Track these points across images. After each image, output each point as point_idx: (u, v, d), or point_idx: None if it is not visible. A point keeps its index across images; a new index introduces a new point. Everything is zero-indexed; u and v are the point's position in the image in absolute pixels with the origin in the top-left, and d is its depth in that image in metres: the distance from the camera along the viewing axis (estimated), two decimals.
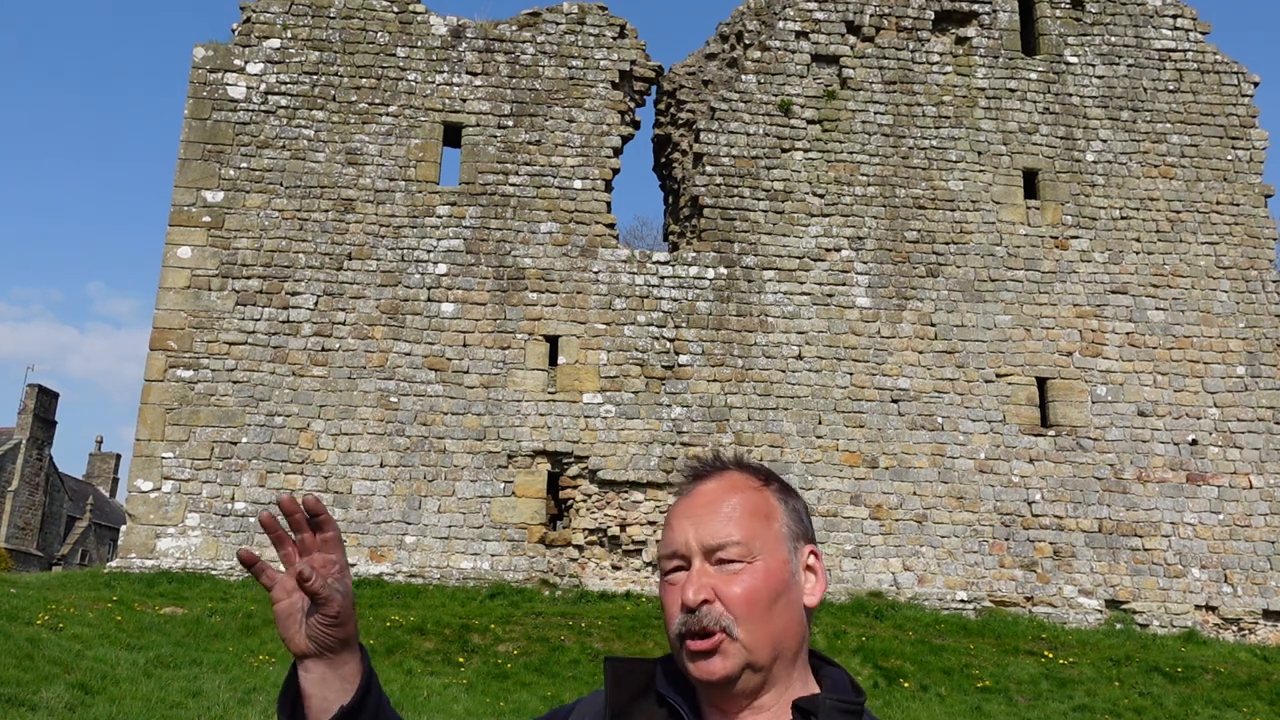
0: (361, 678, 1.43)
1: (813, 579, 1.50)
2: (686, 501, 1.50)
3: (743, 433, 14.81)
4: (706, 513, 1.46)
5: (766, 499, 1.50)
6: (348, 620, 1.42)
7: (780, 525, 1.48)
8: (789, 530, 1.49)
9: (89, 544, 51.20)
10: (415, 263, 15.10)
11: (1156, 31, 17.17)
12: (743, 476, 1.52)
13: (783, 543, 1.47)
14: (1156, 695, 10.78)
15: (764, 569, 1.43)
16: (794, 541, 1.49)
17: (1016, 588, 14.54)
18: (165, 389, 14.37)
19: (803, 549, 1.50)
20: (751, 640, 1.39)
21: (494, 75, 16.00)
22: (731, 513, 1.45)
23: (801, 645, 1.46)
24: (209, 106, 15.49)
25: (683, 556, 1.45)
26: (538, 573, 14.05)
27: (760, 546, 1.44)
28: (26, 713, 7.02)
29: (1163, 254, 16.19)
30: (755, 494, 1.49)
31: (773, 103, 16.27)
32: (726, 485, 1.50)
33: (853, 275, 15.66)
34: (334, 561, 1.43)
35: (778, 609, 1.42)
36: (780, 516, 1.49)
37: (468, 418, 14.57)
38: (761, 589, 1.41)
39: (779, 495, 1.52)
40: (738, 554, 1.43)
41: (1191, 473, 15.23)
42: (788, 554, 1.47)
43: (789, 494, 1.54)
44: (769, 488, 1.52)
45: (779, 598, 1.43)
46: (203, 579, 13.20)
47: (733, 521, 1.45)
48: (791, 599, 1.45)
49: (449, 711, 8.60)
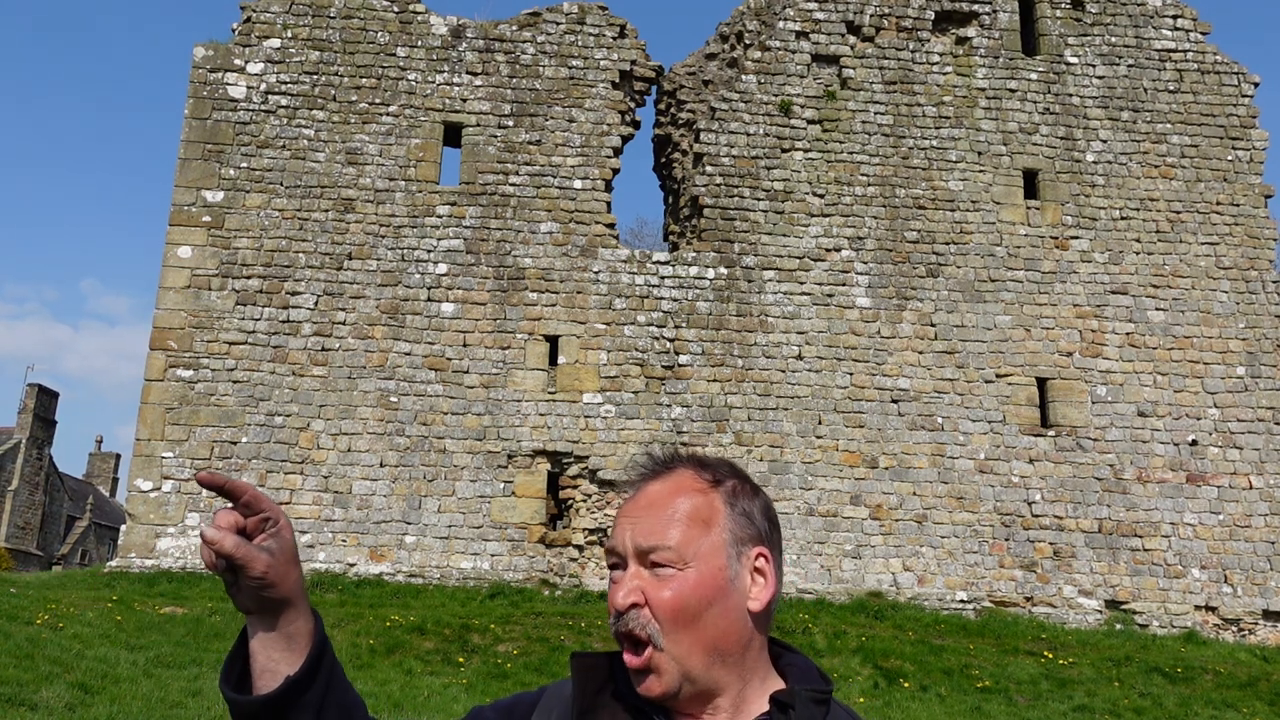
0: (313, 644, 1.40)
1: (761, 582, 1.45)
2: (631, 501, 1.49)
3: (743, 433, 14.81)
4: (646, 514, 1.44)
5: (710, 502, 1.45)
6: (280, 580, 1.36)
7: (721, 531, 1.44)
8: (731, 535, 1.44)
9: (89, 544, 51.19)
10: (415, 263, 15.10)
11: (1157, 32, 17.17)
12: (692, 477, 1.48)
13: (721, 549, 1.43)
14: (1156, 695, 10.78)
15: (695, 577, 1.39)
16: (737, 546, 1.44)
17: (1016, 588, 14.54)
18: (165, 389, 14.37)
19: (749, 553, 1.45)
20: (679, 651, 1.38)
21: (494, 75, 16.00)
22: (670, 516, 1.43)
23: (745, 646, 1.43)
24: (209, 106, 15.49)
25: (620, 555, 1.44)
26: (538, 573, 14.05)
27: (694, 553, 1.40)
28: (26, 712, 7.02)
29: (1163, 254, 16.19)
30: (698, 497, 1.45)
31: (773, 103, 16.27)
32: (671, 487, 1.47)
33: (853, 275, 15.66)
34: (265, 519, 1.37)
35: (710, 617, 1.39)
36: (722, 521, 1.44)
37: (468, 418, 14.57)
38: (690, 597, 1.38)
39: (727, 498, 1.47)
40: (668, 559, 1.40)
41: (1191, 473, 15.23)
42: (726, 560, 1.42)
43: (741, 495, 1.49)
44: (718, 489, 1.47)
45: (711, 606, 1.39)
46: (203, 579, 13.20)
47: (669, 526, 1.42)
48: (729, 605, 1.41)
49: (449, 711, 8.60)
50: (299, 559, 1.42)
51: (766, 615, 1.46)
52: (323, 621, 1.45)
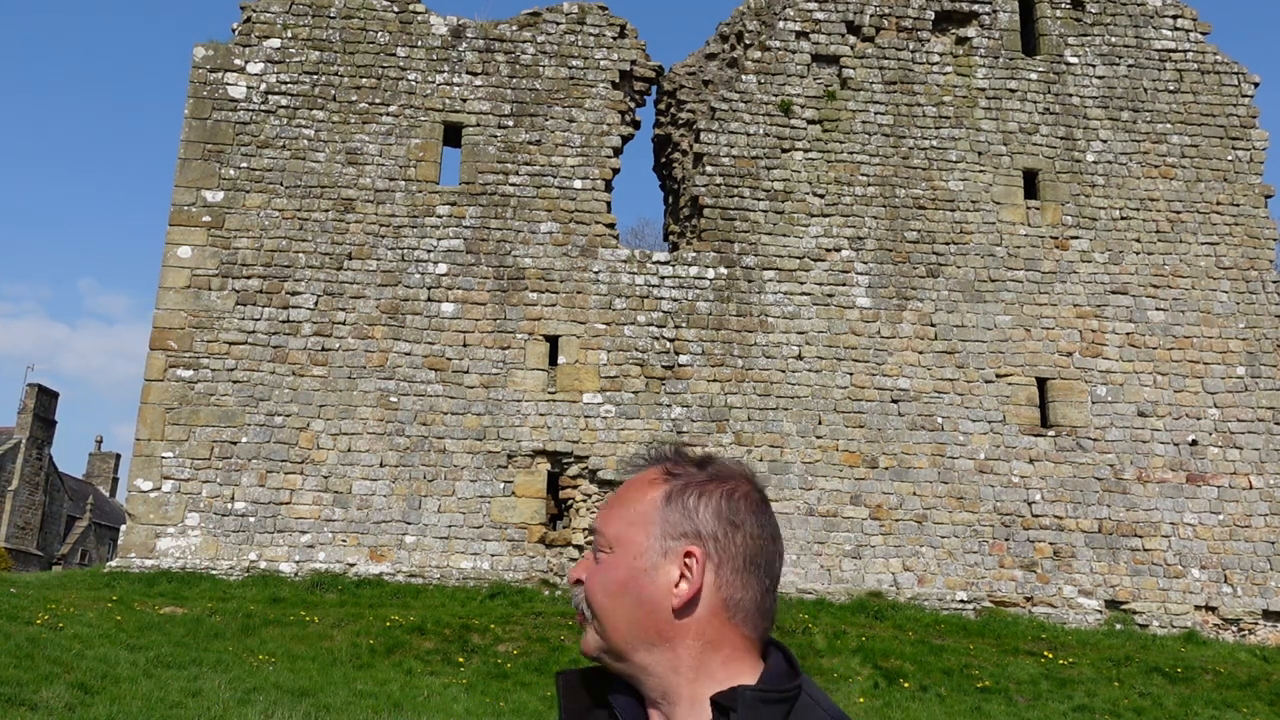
0: None
1: (688, 578, 1.45)
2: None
3: (743, 433, 14.81)
4: (608, 504, 1.56)
5: (650, 497, 1.50)
6: None
7: (649, 524, 1.48)
8: (660, 529, 1.47)
9: (89, 544, 51.19)
10: (415, 263, 15.10)
11: (1157, 32, 17.17)
12: (656, 472, 1.54)
13: (646, 539, 1.47)
14: (1156, 696, 10.78)
15: (612, 563, 1.49)
16: (665, 540, 1.46)
17: (1016, 588, 14.54)
18: (165, 389, 14.37)
19: (676, 548, 1.46)
20: (601, 626, 1.49)
21: (494, 75, 16.00)
22: (615, 504, 1.54)
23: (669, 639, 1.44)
24: (209, 106, 15.49)
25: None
26: (538, 573, 14.05)
27: (618, 540, 1.49)
28: (26, 712, 7.01)
29: (1163, 254, 16.19)
30: (645, 488, 1.52)
31: (773, 103, 16.27)
32: (636, 479, 1.55)
33: (853, 275, 15.66)
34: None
35: (623, 605, 1.46)
36: (652, 515, 1.48)
37: (468, 418, 14.57)
38: (607, 582, 1.48)
39: (671, 492, 1.50)
40: (601, 544, 1.52)
41: (1191, 473, 15.23)
42: (646, 549, 1.47)
43: (689, 495, 1.49)
44: (665, 485, 1.51)
45: (623, 593, 1.46)
46: (202, 579, 13.20)
47: (609, 513, 1.53)
48: (643, 596, 1.45)
49: (449, 711, 8.60)
50: None
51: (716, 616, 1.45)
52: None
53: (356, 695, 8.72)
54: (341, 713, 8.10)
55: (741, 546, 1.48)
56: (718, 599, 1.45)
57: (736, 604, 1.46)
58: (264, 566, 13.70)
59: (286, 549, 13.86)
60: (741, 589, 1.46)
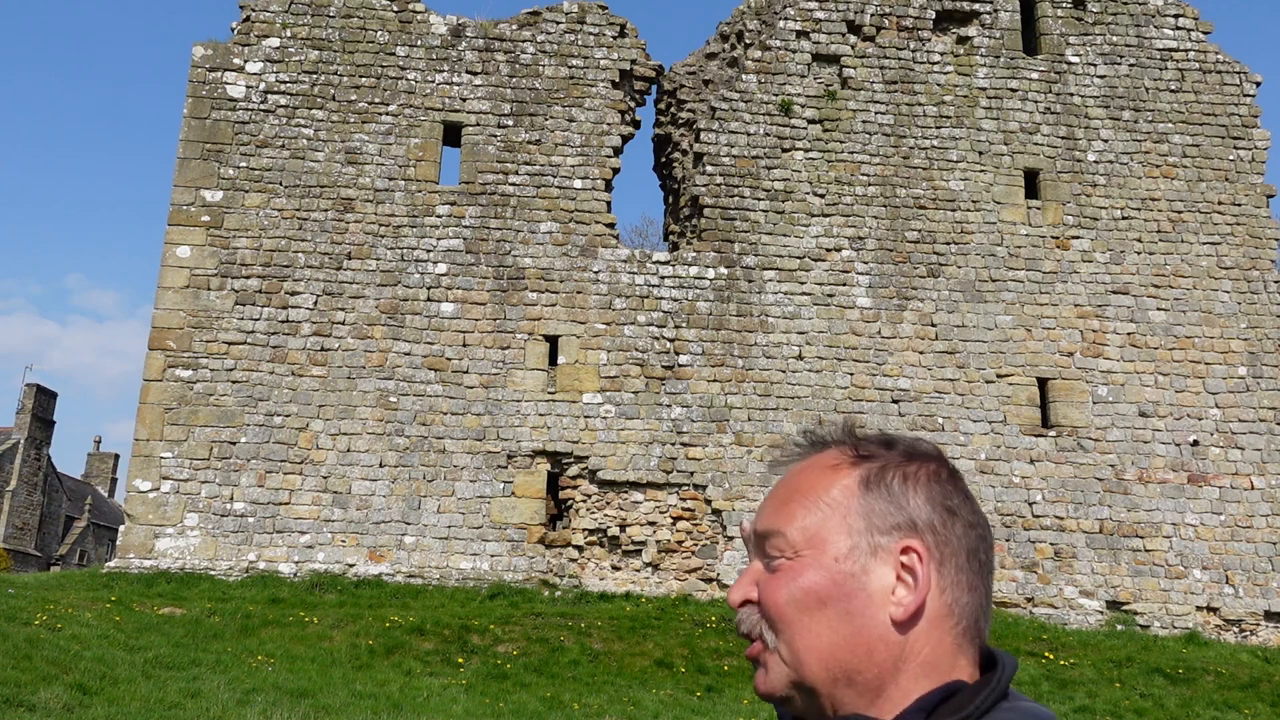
0: None
1: (910, 582, 1.18)
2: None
3: (743, 433, 14.78)
4: (771, 498, 1.27)
5: (838, 481, 1.23)
6: None
7: (847, 515, 1.21)
8: (863, 523, 1.20)
9: (87, 544, 51.16)
10: (415, 262, 15.07)
11: (1158, 31, 17.15)
12: (834, 454, 1.27)
13: (843, 537, 1.20)
14: (1157, 696, 10.76)
15: (804, 568, 1.19)
16: (869, 537, 1.20)
17: (1017, 589, 14.51)
18: (164, 389, 14.34)
19: (890, 545, 1.19)
20: (790, 655, 1.18)
21: (494, 74, 15.97)
22: (787, 498, 1.24)
23: (888, 665, 1.16)
24: (208, 105, 15.46)
25: (748, 547, 1.29)
26: (537, 573, 14.02)
27: (806, 540, 1.20)
28: (25, 713, 6.99)
29: (1164, 254, 16.17)
30: (826, 476, 1.24)
31: (773, 102, 16.25)
32: (804, 466, 1.27)
33: (853, 275, 15.63)
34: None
35: (825, 620, 1.17)
36: (850, 504, 1.21)
37: (467, 418, 14.54)
38: (797, 592, 1.18)
39: (863, 479, 1.23)
40: (778, 547, 1.22)
41: (1193, 474, 15.20)
42: (847, 550, 1.19)
43: (892, 477, 1.24)
44: (857, 468, 1.24)
45: (824, 606, 1.17)
46: (201, 579, 13.17)
47: (785, 508, 1.23)
48: (851, 608, 1.17)
49: (448, 712, 8.57)
50: None
51: (938, 629, 1.18)
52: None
53: (355, 696, 8.69)
54: (340, 713, 8.07)
55: (962, 537, 1.22)
56: (941, 604, 1.19)
57: (962, 610, 1.20)
58: (263, 567, 13.67)
59: (285, 549, 13.83)
60: (966, 590, 1.21)
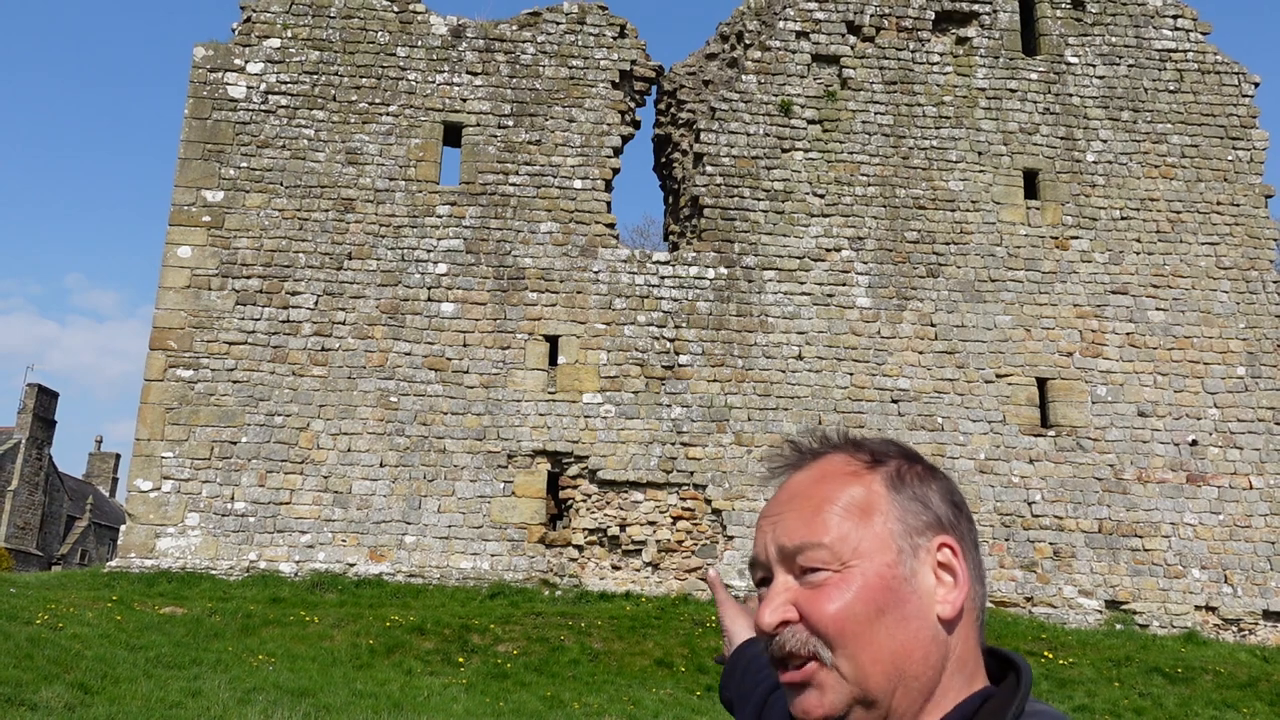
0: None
1: (949, 581, 1.19)
2: (772, 498, 1.27)
3: (743, 433, 14.80)
4: (788, 510, 1.22)
5: (868, 486, 1.22)
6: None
7: (886, 519, 1.20)
8: (903, 524, 1.20)
9: (88, 544, 51.19)
10: (415, 262, 15.09)
11: (1157, 32, 17.17)
12: (843, 460, 1.25)
13: (889, 542, 1.18)
14: (1156, 696, 10.78)
15: (859, 578, 1.16)
16: (909, 539, 1.20)
17: (1016, 588, 14.54)
18: (165, 388, 14.37)
19: (927, 545, 1.20)
20: (853, 669, 1.14)
21: (494, 75, 15.99)
22: (817, 508, 1.20)
23: (938, 665, 1.17)
24: (209, 106, 15.48)
25: (764, 566, 1.23)
26: (537, 573, 14.05)
27: (853, 549, 1.17)
28: (26, 712, 7.01)
29: (1163, 254, 16.19)
30: (852, 481, 1.22)
31: (773, 103, 16.27)
32: (817, 474, 1.24)
33: (853, 275, 15.65)
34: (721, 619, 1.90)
35: (885, 627, 1.15)
36: (886, 507, 1.20)
37: (468, 418, 14.57)
38: (855, 603, 1.15)
39: (889, 481, 1.23)
40: (822, 560, 1.17)
41: (1191, 473, 15.22)
42: (895, 556, 1.18)
43: (914, 475, 1.25)
44: (876, 471, 1.24)
45: (884, 613, 1.15)
46: (202, 579, 13.20)
47: (816, 519, 1.19)
48: (907, 612, 1.16)
49: (449, 711, 8.59)
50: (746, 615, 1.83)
51: (967, 624, 1.20)
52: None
53: (356, 695, 8.72)
54: (341, 713, 8.10)
55: (968, 530, 1.25)
56: (969, 599, 1.20)
57: (980, 602, 1.22)
58: (264, 566, 13.70)
59: (286, 549, 13.86)
60: (979, 582, 1.23)
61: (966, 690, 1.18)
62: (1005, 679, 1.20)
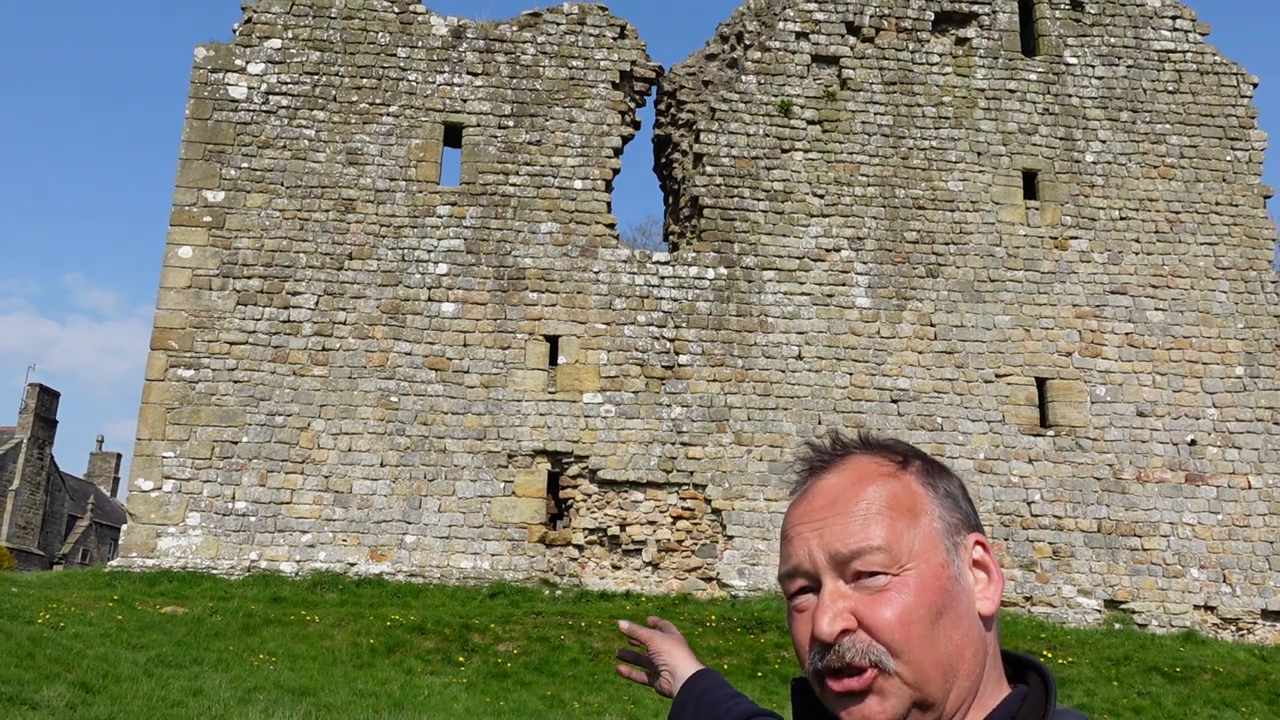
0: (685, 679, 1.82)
1: (984, 578, 1.20)
2: (804, 503, 1.22)
3: (743, 433, 14.83)
4: (832, 514, 1.18)
5: (908, 486, 1.20)
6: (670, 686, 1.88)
7: (931, 518, 1.19)
8: (944, 523, 1.19)
9: (90, 543, 51.23)
10: (415, 263, 15.12)
11: (1156, 32, 17.19)
12: (872, 460, 1.23)
13: (938, 541, 1.18)
14: (1155, 695, 10.81)
15: (917, 580, 1.14)
16: (952, 536, 1.19)
17: (1016, 588, 14.56)
18: (166, 388, 14.40)
19: (965, 542, 1.20)
20: (915, 674, 1.11)
21: (494, 75, 16.02)
22: (866, 510, 1.17)
23: (982, 666, 1.16)
24: (210, 106, 15.51)
25: (807, 574, 1.18)
26: (538, 572, 14.08)
27: (908, 551, 1.15)
28: (28, 711, 7.04)
29: (1162, 254, 16.21)
30: (892, 481, 1.20)
31: (773, 103, 16.29)
32: (852, 475, 1.21)
33: (852, 275, 15.68)
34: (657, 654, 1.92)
35: (942, 629, 1.13)
36: (929, 506, 1.19)
37: (468, 417, 14.60)
38: (917, 607, 1.12)
39: (923, 478, 1.22)
40: (880, 564, 1.14)
41: (1190, 473, 15.25)
42: (945, 555, 1.17)
43: (937, 474, 1.24)
44: (909, 470, 1.23)
45: (942, 614, 1.13)
46: (203, 578, 13.23)
47: (869, 521, 1.16)
48: (959, 612, 1.15)
49: (449, 711, 8.62)
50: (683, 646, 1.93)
51: (997, 621, 1.21)
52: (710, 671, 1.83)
53: (357, 694, 8.75)
54: (342, 712, 8.12)
55: (978, 524, 1.26)
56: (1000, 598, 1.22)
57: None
58: (265, 566, 13.73)
59: (287, 549, 13.89)
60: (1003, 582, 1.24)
61: (1000, 687, 1.18)
62: (1025, 678, 1.21)
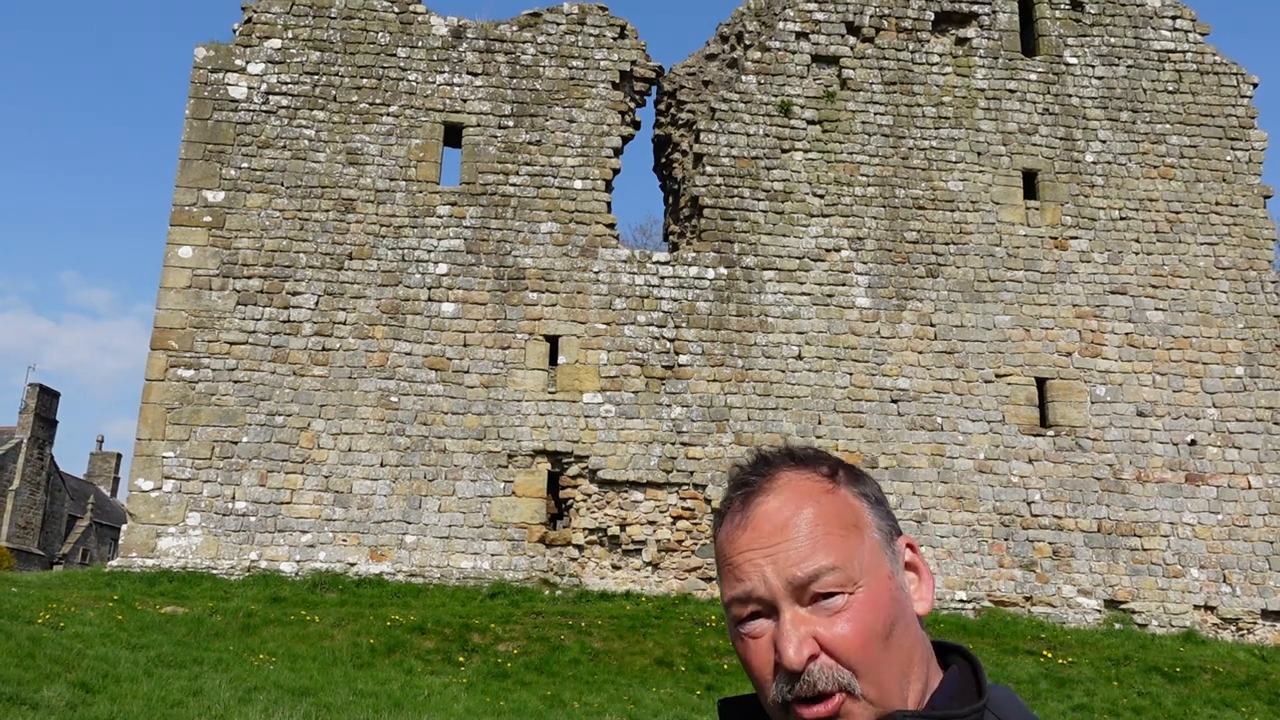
0: None
1: (914, 579, 1.23)
2: (749, 530, 1.19)
3: (742, 433, 14.83)
4: (782, 539, 1.16)
5: (846, 500, 1.21)
6: None
7: (872, 529, 1.20)
8: (882, 533, 1.21)
9: (90, 543, 51.23)
10: (416, 263, 15.12)
11: (1156, 32, 17.19)
12: (804, 477, 1.22)
13: (880, 552, 1.19)
14: (1155, 695, 10.81)
15: (869, 596, 1.14)
16: (890, 544, 1.21)
17: (1016, 588, 14.56)
18: (166, 388, 14.40)
19: (899, 547, 1.23)
20: (879, 692, 1.12)
21: (494, 75, 16.02)
22: (813, 531, 1.16)
23: (926, 664, 1.20)
24: (210, 106, 15.51)
25: (761, 600, 1.16)
26: (538, 572, 14.08)
27: (860, 567, 1.15)
28: (28, 711, 7.04)
29: (1162, 254, 16.21)
30: (830, 498, 1.20)
31: (773, 103, 16.29)
32: (792, 496, 1.19)
33: (852, 275, 15.68)
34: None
35: (896, 639, 1.15)
36: (868, 518, 1.21)
37: (468, 417, 14.60)
38: (875, 623, 1.13)
39: (855, 488, 1.23)
40: (836, 583, 1.14)
41: (1190, 473, 15.25)
42: (889, 565, 1.19)
43: (863, 480, 1.25)
44: (839, 482, 1.23)
45: (895, 625, 1.15)
46: (203, 578, 13.23)
47: (819, 543, 1.15)
48: (907, 619, 1.18)
49: (449, 711, 8.62)
50: None
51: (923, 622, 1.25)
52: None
53: (357, 694, 8.75)
54: (342, 712, 8.12)
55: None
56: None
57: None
58: (265, 566, 13.73)
59: (287, 549, 13.89)
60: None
61: (930, 671, 1.20)
62: (947, 661, 1.24)
